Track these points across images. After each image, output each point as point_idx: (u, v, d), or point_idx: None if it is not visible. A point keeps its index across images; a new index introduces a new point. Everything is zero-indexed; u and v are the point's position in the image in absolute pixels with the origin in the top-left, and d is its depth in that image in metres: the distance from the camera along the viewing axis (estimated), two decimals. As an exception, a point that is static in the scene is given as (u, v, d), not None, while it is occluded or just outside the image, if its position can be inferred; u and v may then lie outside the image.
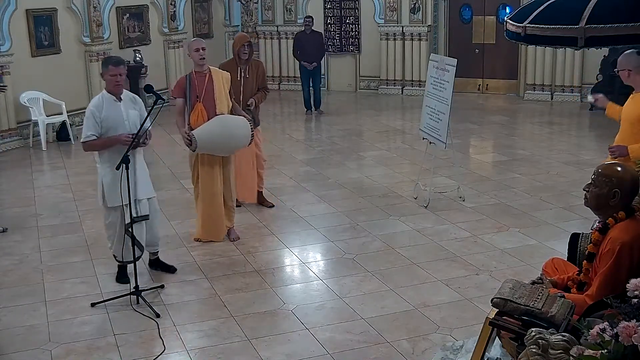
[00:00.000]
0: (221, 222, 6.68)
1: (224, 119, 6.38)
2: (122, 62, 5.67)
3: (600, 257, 3.75)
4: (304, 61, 12.94)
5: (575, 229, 5.76)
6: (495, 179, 8.70)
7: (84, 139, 5.59)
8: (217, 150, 6.43)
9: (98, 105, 5.57)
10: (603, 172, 3.76)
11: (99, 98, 5.63)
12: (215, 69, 6.57)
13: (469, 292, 5.57)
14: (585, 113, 12.66)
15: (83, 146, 5.66)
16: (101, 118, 5.53)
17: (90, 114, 5.55)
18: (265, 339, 4.93)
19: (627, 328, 2.80)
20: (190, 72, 6.48)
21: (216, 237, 6.71)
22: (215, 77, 6.44)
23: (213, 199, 6.56)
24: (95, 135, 5.55)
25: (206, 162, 6.49)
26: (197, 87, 6.36)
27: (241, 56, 7.25)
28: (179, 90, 6.44)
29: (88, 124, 5.55)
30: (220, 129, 6.31)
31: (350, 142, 10.95)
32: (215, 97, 6.38)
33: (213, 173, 6.52)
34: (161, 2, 13.97)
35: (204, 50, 6.40)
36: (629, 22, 3.21)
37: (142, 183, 5.75)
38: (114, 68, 5.54)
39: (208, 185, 6.54)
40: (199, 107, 6.34)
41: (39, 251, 6.70)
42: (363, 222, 7.21)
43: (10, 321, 5.30)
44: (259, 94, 7.48)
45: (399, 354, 4.70)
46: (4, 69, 10.72)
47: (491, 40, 14.23)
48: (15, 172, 9.62)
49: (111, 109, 5.58)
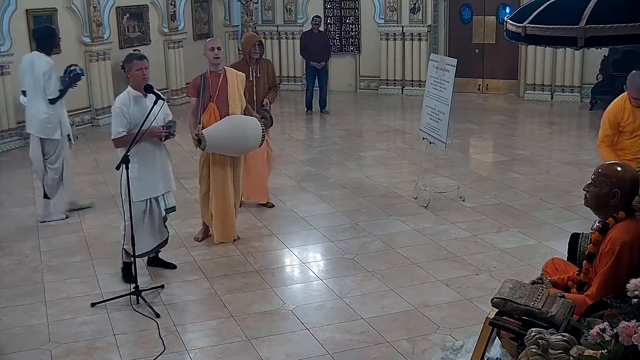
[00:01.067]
0: (233, 224, 6.70)
1: (235, 119, 6.37)
2: (144, 57, 5.77)
3: (600, 257, 3.75)
4: (312, 61, 12.95)
5: (575, 229, 5.76)
6: (495, 179, 8.70)
7: (115, 135, 5.64)
8: (227, 150, 6.42)
9: (125, 102, 5.64)
10: (603, 172, 3.76)
11: (125, 95, 5.69)
12: (230, 69, 6.58)
13: (469, 292, 5.57)
14: (585, 113, 12.66)
15: (114, 143, 5.69)
16: (129, 114, 5.59)
17: (119, 111, 5.61)
18: (265, 339, 4.93)
19: (627, 328, 2.80)
20: (206, 71, 6.49)
21: (228, 238, 6.70)
22: (230, 78, 6.44)
23: (225, 200, 6.56)
24: (126, 130, 5.60)
25: (218, 162, 6.48)
26: (211, 87, 6.37)
27: (252, 56, 7.23)
28: (194, 90, 6.46)
29: (118, 121, 5.62)
30: (231, 129, 6.30)
31: (350, 142, 10.95)
32: (229, 98, 6.38)
33: (225, 174, 6.52)
34: (161, 2, 13.97)
35: (219, 50, 6.42)
36: (629, 22, 3.21)
37: (170, 175, 5.94)
38: (139, 62, 5.64)
39: (220, 187, 6.53)
40: (211, 106, 6.35)
41: (39, 251, 6.70)
42: (363, 222, 7.21)
43: (10, 321, 5.31)
44: (271, 93, 7.50)
45: (399, 354, 4.70)
46: (4, 69, 10.72)
47: (491, 40, 14.23)
48: (15, 172, 9.62)
49: (138, 105, 5.64)
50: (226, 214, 6.61)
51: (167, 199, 5.93)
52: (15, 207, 8.09)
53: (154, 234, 5.91)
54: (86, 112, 12.31)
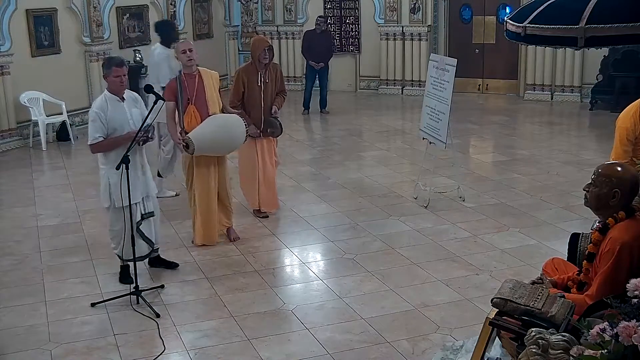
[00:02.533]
0: (214, 227, 6.63)
1: (218, 118, 6.34)
2: (124, 63, 5.70)
3: (600, 257, 3.75)
4: (312, 60, 12.95)
5: (575, 229, 5.75)
6: (495, 179, 8.70)
7: (92, 141, 5.58)
8: (215, 150, 6.38)
9: (102, 107, 5.58)
10: (603, 172, 3.76)
11: (102, 99, 5.64)
12: (204, 70, 6.49)
13: (469, 292, 5.57)
14: (585, 113, 12.66)
15: (91, 148, 5.65)
16: (107, 119, 5.55)
17: (95, 116, 5.55)
18: (265, 339, 4.93)
19: (627, 328, 2.80)
20: (180, 74, 6.39)
21: (210, 241, 6.65)
22: (205, 78, 6.39)
23: (209, 203, 6.50)
24: (103, 136, 5.56)
25: (202, 163, 6.42)
26: (188, 89, 6.29)
27: (262, 61, 6.97)
28: (170, 94, 6.32)
29: (94, 126, 5.56)
30: (217, 129, 6.27)
31: (350, 142, 10.95)
32: (207, 98, 6.33)
33: (209, 174, 6.46)
34: (161, 2, 13.96)
35: (191, 52, 6.31)
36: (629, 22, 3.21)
37: (150, 180, 5.88)
38: (118, 69, 5.56)
39: (204, 188, 6.48)
40: (191, 109, 6.28)
41: (39, 251, 6.69)
42: (363, 222, 7.21)
43: (10, 321, 5.31)
44: (279, 99, 7.27)
45: (399, 354, 4.70)
46: (4, 69, 10.72)
47: (491, 40, 14.23)
48: (15, 172, 9.62)
49: (115, 109, 5.60)
50: (209, 216, 6.55)
51: (146, 204, 5.83)
52: (15, 207, 8.09)
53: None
54: (86, 112, 12.24)
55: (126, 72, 5.63)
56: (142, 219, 5.79)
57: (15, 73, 10.87)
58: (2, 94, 10.68)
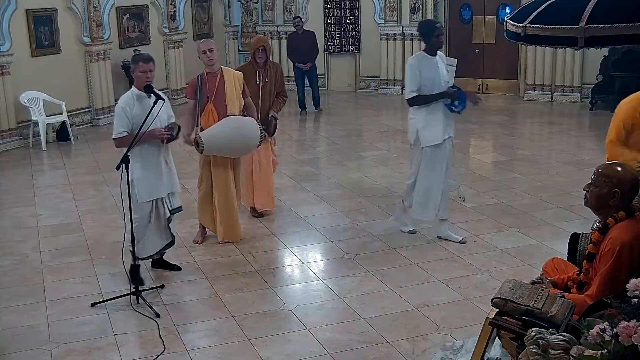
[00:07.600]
0: (237, 224, 6.72)
1: (233, 120, 6.35)
2: (151, 59, 5.75)
3: (600, 257, 3.75)
4: (298, 62, 12.96)
5: (575, 229, 5.75)
6: (495, 179, 8.70)
7: (116, 135, 5.64)
8: (225, 151, 6.41)
9: (129, 102, 5.65)
10: (603, 172, 3.76)
11: (129, 95, 5.70)
12: (227, 69, 6.55)
13: (469, 292, 5.57)
14: (585, 113, 12.66)
15: (115, 142, 5.69)
16: (132, 114, 5.60)
17: (121, 111, 5.62)
18: (265, 339, 4.93)
19: (627, 328, 2.80)
20: (202, 72, 6.46)
21: (234, 238, 6.70)
22: (227, 78, 6.41)
23: (228, 200, 6.57)
24: (127, 131, 5.60)
25: (220, 163, 6.48)
26: (208, 88, 6.35)
27: (257, 60, 7.08)
28: (191, 91, 6.44)
29: (120, 121, 5.62)
30: (228, 131, 6.28)
31: (350, 142, 10.95)
32: (227, 98, 6.36)
33: (226, 175, 6.52)
34: (161, 2, 13.97)
35: (211, 52, 6.36)
36: (629, 22, 3.22)
37: (174, 176, 5.95)
38: (144, 64, 5.63)
39: (223, 187, 6.54)
40: (209, 107, 6.33)
41: (39, 251, 6.69)
42: (363, 222, 7.21)
43: (10, 321, 5.30)
44: (278, 102, 7.28)
45: (399, 354, 4.70)
46: (4, 69, 10.72)
47: (491, 40, 14.23)
48: (15, 172, 9.62)
49: (141, 105, 5.63)
50: (230, 213, 6.62)
51: (172, 200, 5.94)
52: (15, 207, 8.09)
53: (161, 235, 5.92)
54: (86, 112, 12.30)
55: (153, 68, 5.68)
56: (172, 213, 5.91)
57: (15, 73, 10.87)
58: (2, 94, 10.68)
